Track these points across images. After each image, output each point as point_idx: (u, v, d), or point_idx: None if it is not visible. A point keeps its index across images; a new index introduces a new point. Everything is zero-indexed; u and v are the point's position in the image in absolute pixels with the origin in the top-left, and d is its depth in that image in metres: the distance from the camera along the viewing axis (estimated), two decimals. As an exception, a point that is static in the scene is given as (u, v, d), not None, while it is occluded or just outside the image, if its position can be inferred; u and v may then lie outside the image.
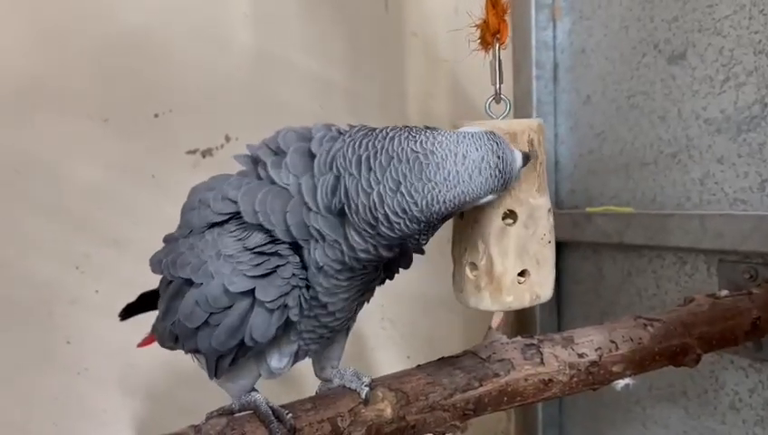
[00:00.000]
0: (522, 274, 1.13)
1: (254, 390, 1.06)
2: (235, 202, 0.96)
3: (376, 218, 0.88)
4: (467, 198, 0.88)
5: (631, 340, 1.28)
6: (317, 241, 0.93)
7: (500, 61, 1.20)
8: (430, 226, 0.91)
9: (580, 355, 1.23)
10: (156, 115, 1.71)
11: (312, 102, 1.90)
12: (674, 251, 1.77)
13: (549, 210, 1.15)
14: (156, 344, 1.16)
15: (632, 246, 1.85)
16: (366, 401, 1.05)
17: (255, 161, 1.02)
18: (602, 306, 2.01)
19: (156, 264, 1.06)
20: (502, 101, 1.20)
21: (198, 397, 1.17)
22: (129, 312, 1.26)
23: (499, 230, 1.11)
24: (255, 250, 0.92)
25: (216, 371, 1.01)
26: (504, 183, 0.92)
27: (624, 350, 1.26)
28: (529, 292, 1.15)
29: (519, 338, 1.25)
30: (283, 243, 0.93)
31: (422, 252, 1.09)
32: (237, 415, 1.01)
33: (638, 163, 1.88)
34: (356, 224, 0.90)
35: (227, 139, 1.79)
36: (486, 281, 1.13)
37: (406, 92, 2.08)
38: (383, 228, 0.88)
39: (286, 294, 0.92)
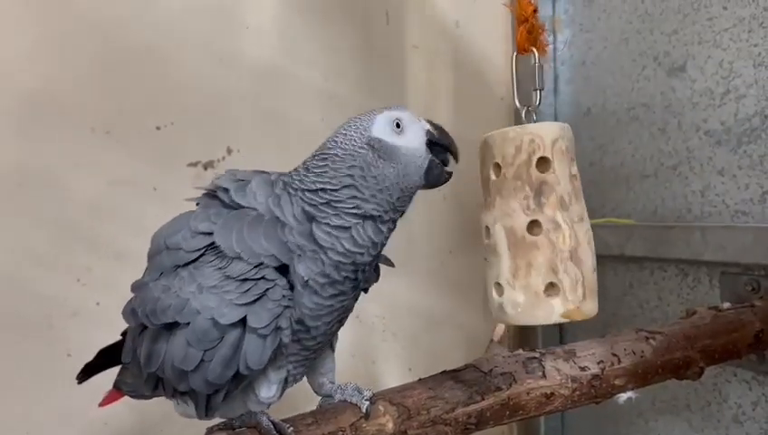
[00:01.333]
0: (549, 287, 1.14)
1: None
2: (210, 233, 0.96)
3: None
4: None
5: (633, 353, 1.27)
6: (299, 256, 0.95)
7: (542, 66, 1.26)
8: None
9: (583, 368, 1.22)
10: (158, 128, 1.71)
11: (313, 115, 1.91)
12: (675, 263, 1.76)
13: (570, 224, 1.16)
14: (125, 399, 1.17)
15: (633, 257, 1.85)
16: (367, 416, 1.04)
17: (212, 195, 1.03)
18: (604, 318, 2.00)
19: (130, 314, 1.01)
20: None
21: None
22: (88, 372, 1.22)
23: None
24: (240, 278, 0.92)
25: (206, 409, 0.99)
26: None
27: (626, 363, 1.26)
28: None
29: (521, 351, 1.25)
30: (267, 267, 0.94)
31: (392, 265, 1.13)
32: (238, 430, 1.01)
33: (639, 175, 1.88)
34: (321, 220, 0.95)
35: (229, 151, 1.79)
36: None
37: (407, 104, 2.08)
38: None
39: (278, 316, 0.92)
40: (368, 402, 1.05)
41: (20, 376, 1.57)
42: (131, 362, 1.05)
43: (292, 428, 0.98)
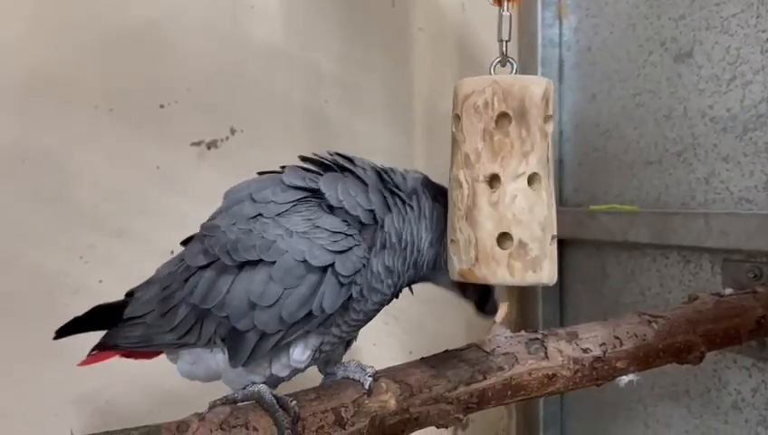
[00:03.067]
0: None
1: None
2: (303, 188, 1.06)
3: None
4: None
5: (636, 336, 1.28)
6: (390, 211, 1.07)
7: (510, 16, 1.18)
8: None
9: (585, 350, 1.22)
10: (161, 106, 1.71)
11: (317, 97, 1.90)
12: (678, 250, 1.76)
13: (471, 183, 1.06)
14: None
15: (636, 244, 1.85)
16: (369, 392, 1.05)
17: (300, 167, 1.13)
18: (605, 305, 2.01)
19: (199, 254, 1.07)
20: (508, 64, 1.16)
21: (201, 388, 1.17)
22: (67, 330, 1.27)
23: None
24: (332, 229, 1.01)
25: (247, 356, 1.02)
26: None
27: (628, 346, 1.26)
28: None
29: (523, 332, 1.25)
30: (354, 228, 1.04)
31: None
32: (240, 404, 1.01)
33: (643, 162, 1.87)
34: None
35: (232, 131, 1.79)
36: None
37: (411, 88, 2.08)
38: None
39: (358, 270, 1.02)
40: (370, 379, 1.06)
41: (21, 354, 1.57)
42: (155, 310, 1.12)
43: (295, 402, 0.98)
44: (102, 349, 1.24)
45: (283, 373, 1.08)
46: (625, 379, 1.28)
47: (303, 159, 1.14)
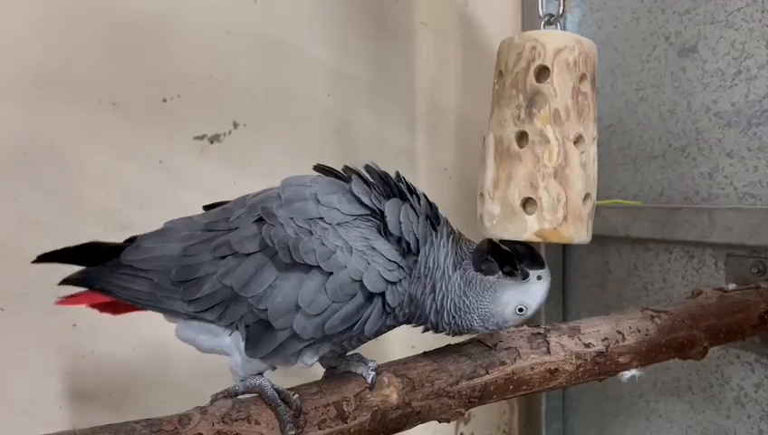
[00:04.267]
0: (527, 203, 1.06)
1: (258, 374, 1.06)
2: (367, 205, 1.05)
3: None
4: None
5: (638, 331, 1.28)
6: (432, 243, 1.06)
7: None
8: None
9: (587, 345, 1.22)
10: (164, 100, 1.70)
11: (319, 90, 1.90)
12: (681, 245, 1.76)
13: (561, 141, 1.05)
14: (136, 318, 1.16)
15: (639, 239, 1.85)
16: (371, 386, 1.05)
17: (360, 175, 1.10)
18: (608, 300, 2.01)
19: (250, 239, 1.03)
20: (558, 24, 1.19)
21: (204, 380, 1.17)
22: (49, 257, 1.18)
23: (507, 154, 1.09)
24: (387, 257, 1.01)
25: (273, 350, 1.00)
26: None
27: (631, 341, 1.26)
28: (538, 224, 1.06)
29: (526, 327, 1.25)
30: (404, 260, 1.03)
31: None
32: (242, 397, 1.01)
33: (647, 156, 1.87)
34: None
35: (235, 125, 1.79)
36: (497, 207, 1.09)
37: (414, 82, 2.07)
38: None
39: (401, 302, 1.04)
40: (373, 373, 1.06)
41: (25, 346, 1.58)
42: (172, 273, 1.06)
43: (297, 395, 0.98)
44: (86, 287, 1.15)
45: (285, 369, 1.08)
46: (627, 374, 1.28)
47: (368, 169, 1.11)
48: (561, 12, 1.20)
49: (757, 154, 1.58)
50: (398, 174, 1.11)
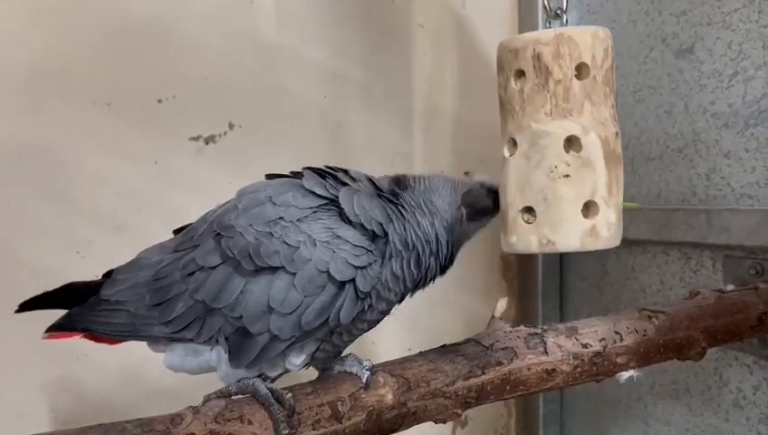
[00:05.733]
0: (528, 211, 1.04)
1: None
2: (322, 196, 1.05)
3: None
4: None
5: (636, 332, 1.27)
6: (394, 222, 1.08)
7: None
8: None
9: (584, 345, 1.22)
10: (159, 101, 1.70)
11: (316, 92, 1.89)
12: (679, 246, 1.75)
13: (569, 138, 1.02)
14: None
15: (636, 241, 1.84)
16: (366, 386, 1.04)
17: (319, 172, 1.12)
18: (605, 302, 2.00)
19: (212, 252, 1.03)
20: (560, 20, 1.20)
21: (199, 384, 1.15)
22: (31, 305, 1.21)
23: (501, 161, 1.07)
24: (354, 243, 1.01)
25: (257, 356, 1.00)
26: None
27: (629, 341, 1.25)
28: (536, 234, 1.03)
29: (522, 327, 1.24)
30: (372, 243, 1.04)
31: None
32: (235, 398, 1.00)
33: (644, 158, 1.86)
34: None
35: (231, 126, 1.78)
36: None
37: (411, 84, 2.07)
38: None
39: (374, 286, 1.03)
40: (368, 373, 1.05)
41: (18, 348, 1.56)
42: (146, 299, 1.07)
43: (290, 395, 0.97)
44: (70, 331, 1.17)
45: (274, 374, 1.08)
46: (625, 375, 1.27)
47: (314, 168, 1.12)
48: (566, 6, 1.20)
49: (755, 155, 1.58)
50: (338, 168, 1.13)
